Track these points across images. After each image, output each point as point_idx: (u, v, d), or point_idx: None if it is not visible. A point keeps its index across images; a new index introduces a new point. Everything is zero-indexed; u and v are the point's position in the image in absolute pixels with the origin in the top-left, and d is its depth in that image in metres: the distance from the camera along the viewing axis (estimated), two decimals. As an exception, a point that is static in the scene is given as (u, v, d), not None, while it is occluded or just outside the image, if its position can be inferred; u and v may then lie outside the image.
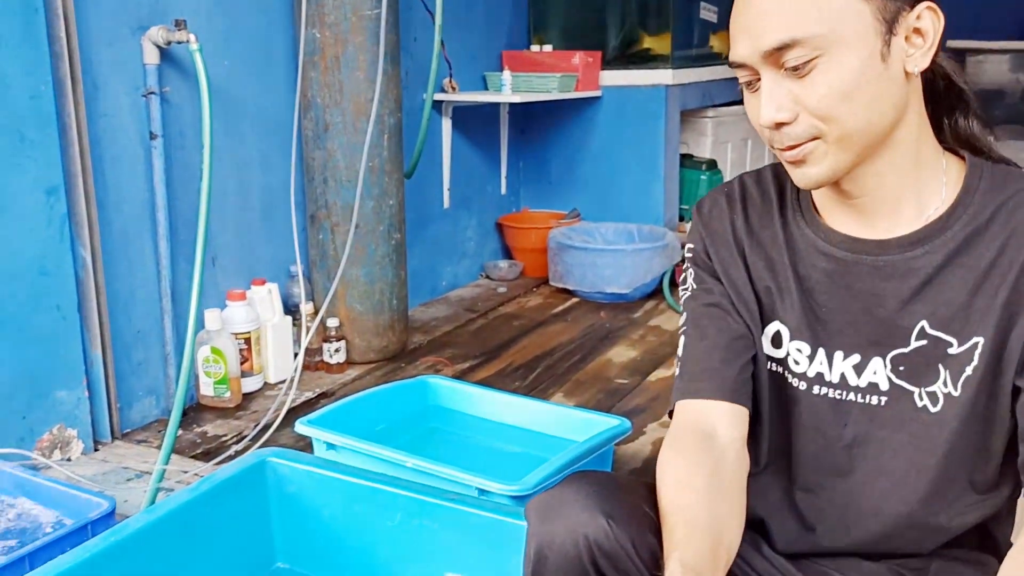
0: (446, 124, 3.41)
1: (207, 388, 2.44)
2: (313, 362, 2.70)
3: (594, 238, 3.64)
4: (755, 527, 1.08)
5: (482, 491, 1.62)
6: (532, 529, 1.00)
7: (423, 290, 3.42)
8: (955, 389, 0.94)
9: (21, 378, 1.98)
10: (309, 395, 2.54)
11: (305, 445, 2.01)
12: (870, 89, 0.88)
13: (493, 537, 1.44)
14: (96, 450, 2.18)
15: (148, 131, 2.24)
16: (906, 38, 0.89)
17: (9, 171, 1.89)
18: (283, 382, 2.58)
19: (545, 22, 3.98)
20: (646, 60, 3.81)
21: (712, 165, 4.08)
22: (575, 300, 3.50)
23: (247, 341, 2.51)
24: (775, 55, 0.88)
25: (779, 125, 0.90)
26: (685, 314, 1.08)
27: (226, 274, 2.56)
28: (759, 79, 0.91)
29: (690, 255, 1.10)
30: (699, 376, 1.03)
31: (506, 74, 3.42)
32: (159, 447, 2.19)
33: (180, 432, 2.20)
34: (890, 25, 0.87)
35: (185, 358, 2.03)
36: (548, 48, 3.75)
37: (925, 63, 0.90)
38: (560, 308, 3.41)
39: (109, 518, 1.61)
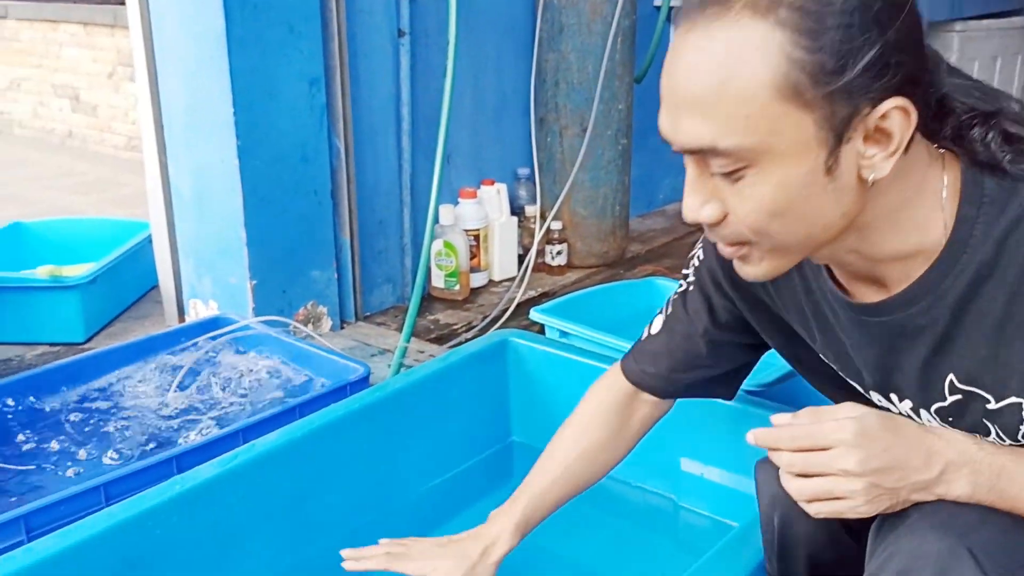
0: (674, 31, 3.33)
1: (438, 280, 2.57)
2: (535, 263, 2.77)
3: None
4: None
5: (716, 385, 1.63)
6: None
7: (640, 201, 3.41)
8: (1016, 439, 0.81)
9: (282, 255, 2.16)
10: (532, 293, 2.62)
11: (534, 335, 2.08)
12: (810, 204, 0.75)
13: (730, 426, 1.45)
14: (342, 328, 2.36)
15: (397, 28, 2.34)
16: (865, 138, 0.74)
17: (279, 60, 2.04)
18: (507, 280, 2.68)
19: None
20: (893, -35, 3.54)
21: (957, 83, 3.76)
22: (798, 219, 3.38)
23: (476, 238, 2.61)
24: (696, 154, 0.77)
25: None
26: (675, 304, 1.11)
27: (458, 172, 2.66)
28: None
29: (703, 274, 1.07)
30: (651, 365, 1.14)
31: (740, -20, 3.28)
32: (397, 330, 2.34)
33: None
34: (839, 133, 0.73)
35: (424, 249, 2.14)
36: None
37: (886, 169, 0.75)
38: (782, 226, 3.31)
39: (364, 381, 1.75)
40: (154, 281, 2.48)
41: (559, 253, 2.76)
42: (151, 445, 1.65)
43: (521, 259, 2.72)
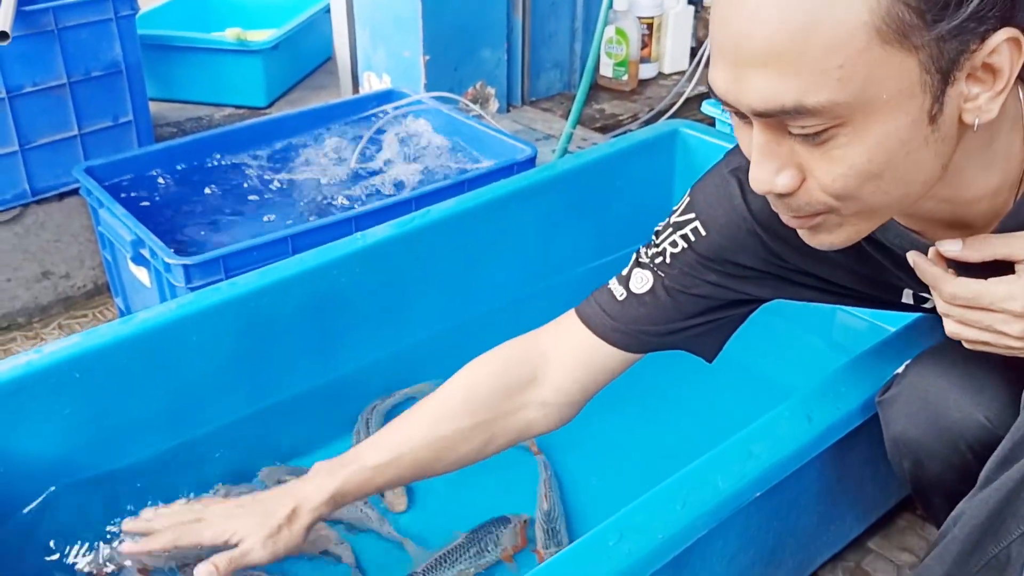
0: None
1: (606, 69, 2.52)
2: (708, 57, 2.67)
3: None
4: None
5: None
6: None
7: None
8: None
9: (455, 31, 2.16)
10: (701, 89, 2.53)
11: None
12: (911, 160, 0.64)
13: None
14: (508, 111, 2.37)
15: None
16: (969, 76, 0.63)
17: None
18: (677, 73, 2.60)
19: None
20: None
21: None
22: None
23: (649, 27, 2.52)
24: (772, 117, 0.64)
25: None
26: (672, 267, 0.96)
27: (637, -46, 2.53)
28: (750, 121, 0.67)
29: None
30: (623, 324, 0.95)
31: None
32: (562, 116, 2.34)
33: (582, 105, 2.32)
34: (946, 74, 0.62)
35: (596, 34, 2.09)
36: None
37: (994, 111, 0.64)
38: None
39: (531, 162, 1.77)
40: (329, 52, 2.54)
41: (735, 48, 2.64)
42: (331, 205, 1.75)
43: (694, 52, 2.62)
